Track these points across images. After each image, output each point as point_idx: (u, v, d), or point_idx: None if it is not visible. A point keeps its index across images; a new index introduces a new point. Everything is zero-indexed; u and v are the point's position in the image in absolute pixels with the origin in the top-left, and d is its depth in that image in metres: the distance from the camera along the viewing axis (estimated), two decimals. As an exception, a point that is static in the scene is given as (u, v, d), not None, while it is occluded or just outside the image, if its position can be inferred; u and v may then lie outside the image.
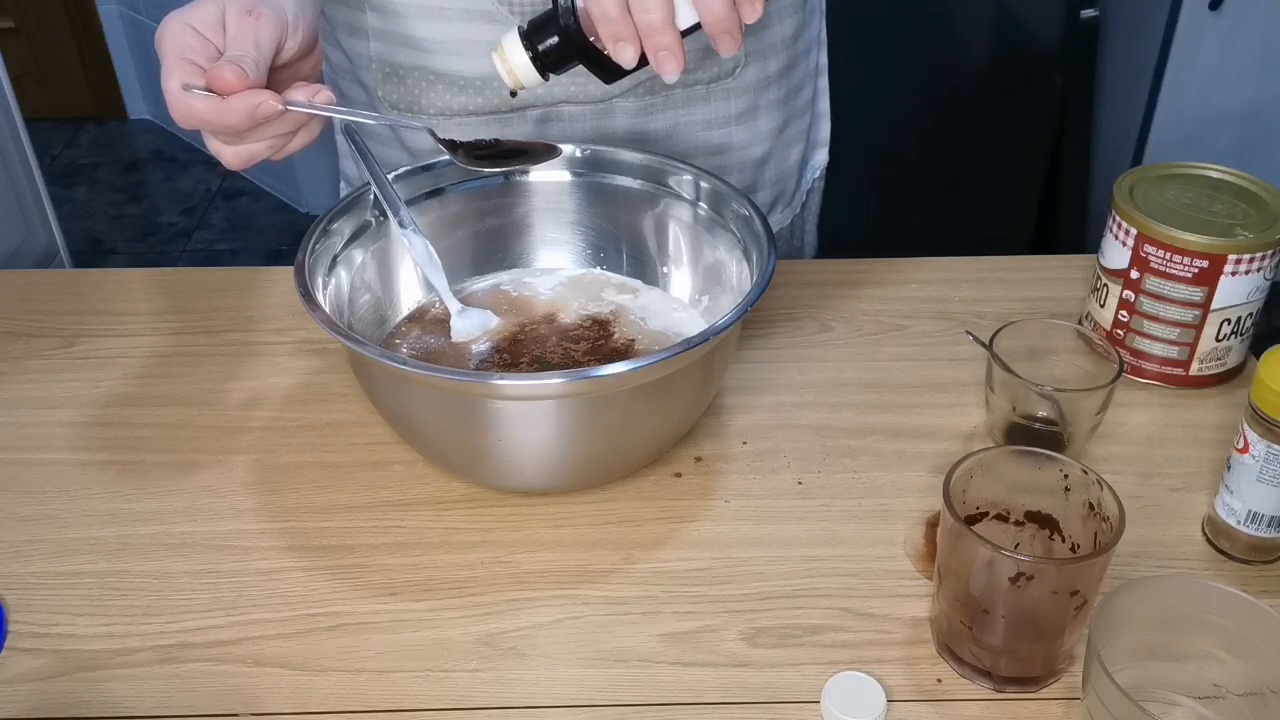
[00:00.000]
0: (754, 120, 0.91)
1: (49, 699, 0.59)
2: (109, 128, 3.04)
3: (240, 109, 0.60)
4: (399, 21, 0.83)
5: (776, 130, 0.93)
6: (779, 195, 0.99)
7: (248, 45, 0.61)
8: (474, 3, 0.81)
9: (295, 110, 0.62)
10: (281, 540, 0.68)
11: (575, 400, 0.63)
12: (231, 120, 0.60)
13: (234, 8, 0.62)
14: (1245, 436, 0.62)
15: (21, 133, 1.59)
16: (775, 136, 0.93)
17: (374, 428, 0.75)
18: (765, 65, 0.89)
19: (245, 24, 0.62)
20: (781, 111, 0.93)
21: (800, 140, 0.98)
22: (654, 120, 0.88)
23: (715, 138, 0.90)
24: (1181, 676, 0.55)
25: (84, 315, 0.87)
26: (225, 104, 0.60)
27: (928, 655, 0.61)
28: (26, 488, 0.72)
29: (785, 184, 0.98)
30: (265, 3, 0.63)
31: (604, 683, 0.60)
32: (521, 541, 0.68)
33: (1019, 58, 1.92)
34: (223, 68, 0.60)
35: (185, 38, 0.62)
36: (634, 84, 0.85)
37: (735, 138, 0.91)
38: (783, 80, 0.91)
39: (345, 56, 0.89)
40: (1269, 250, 0.73)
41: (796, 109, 0.95)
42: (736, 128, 0.90)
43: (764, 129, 0.92)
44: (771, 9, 0.87)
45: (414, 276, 0.79)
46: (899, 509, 0.70)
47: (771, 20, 0.88)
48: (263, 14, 0.62)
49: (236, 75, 0.60)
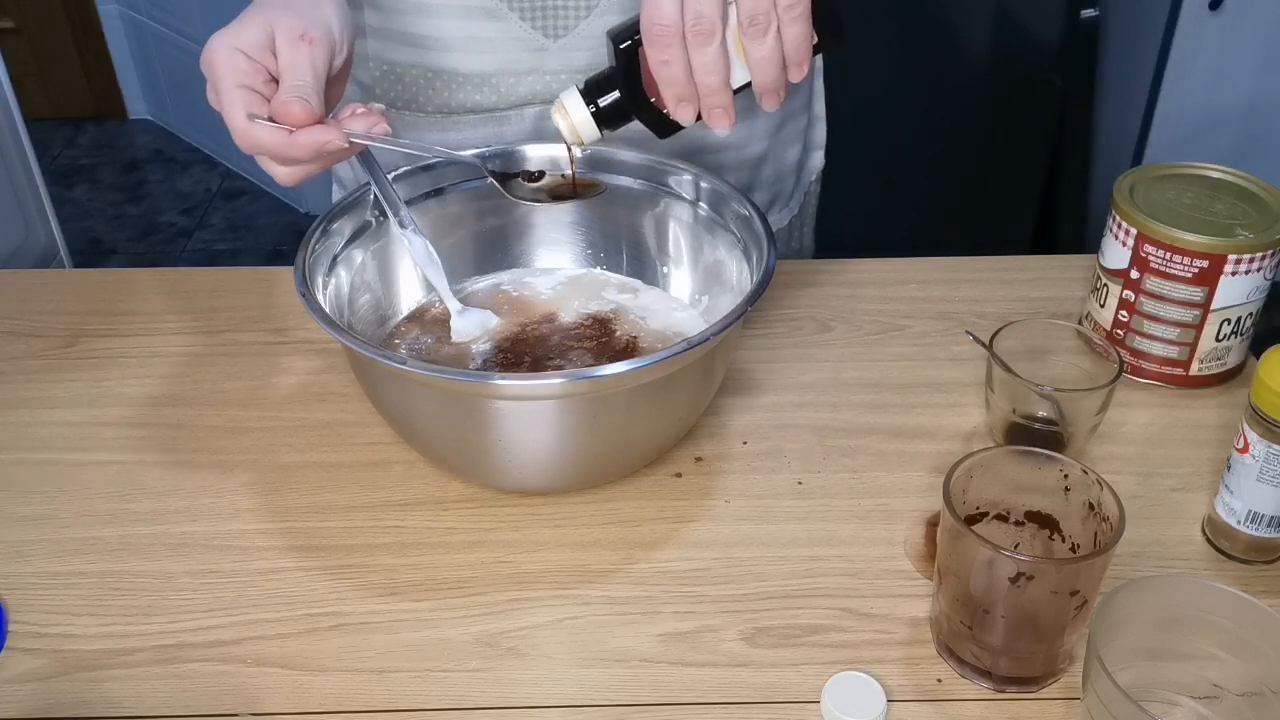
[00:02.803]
0: (751, 119, 0.91)
1: (49, 699, 0.59)
2: (109, 128, 3.04)
3: (309, 145, 0.62)
4: (397, 19, 0.83)
5: (773, 129, 0.93)
6: (776, 195, 0.99)
7: (305, 74, 0.62)
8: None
9: (357, 142, 0.64)
10: (281, 540, 0.68)
11: (575, 400, 0.63)
12: (299, 154, 0.62)
13: (284, 30, 0.63)
14: (1245, 436, 0.62)
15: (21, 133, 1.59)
16: (772, 135, 0.94)
17: (374, 428, 0.75)
18: None
19: (299, 50, 0.62)
20: (777, 111, 0.93)
21: (797, 141, 0.98)
22: None
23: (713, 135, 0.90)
24: (1181, 676, 0.55)
25: (84, 315, 0.87)
26: (293, 139, 0.61)
27: (928, 655, 0.61)
28: (26, 488, 0.72)
29: (783, 184, 0.98)
30: (315, 24, 0.63)
31: (604, 683, 0.60)
32: (521, 541, 0.68)
33: (1019, 58, 1.92)
34: (290, 103, 0.61)
35: (238, 62, 0.62)
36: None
37: (733, 136, 0.91)
38: None
39: None
40: (1269, 250, 0.73)
41: (793, 109, 0.95)
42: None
43: (761, 128, 0.92)
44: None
45: (414, 276, 0.79)
46: (899, 509, 0.70)
47: None
48: (315, 38, 0.63)
49: (305, 111, 0.61)
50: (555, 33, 0.82)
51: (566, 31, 0.82)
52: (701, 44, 0.62)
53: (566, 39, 0.83)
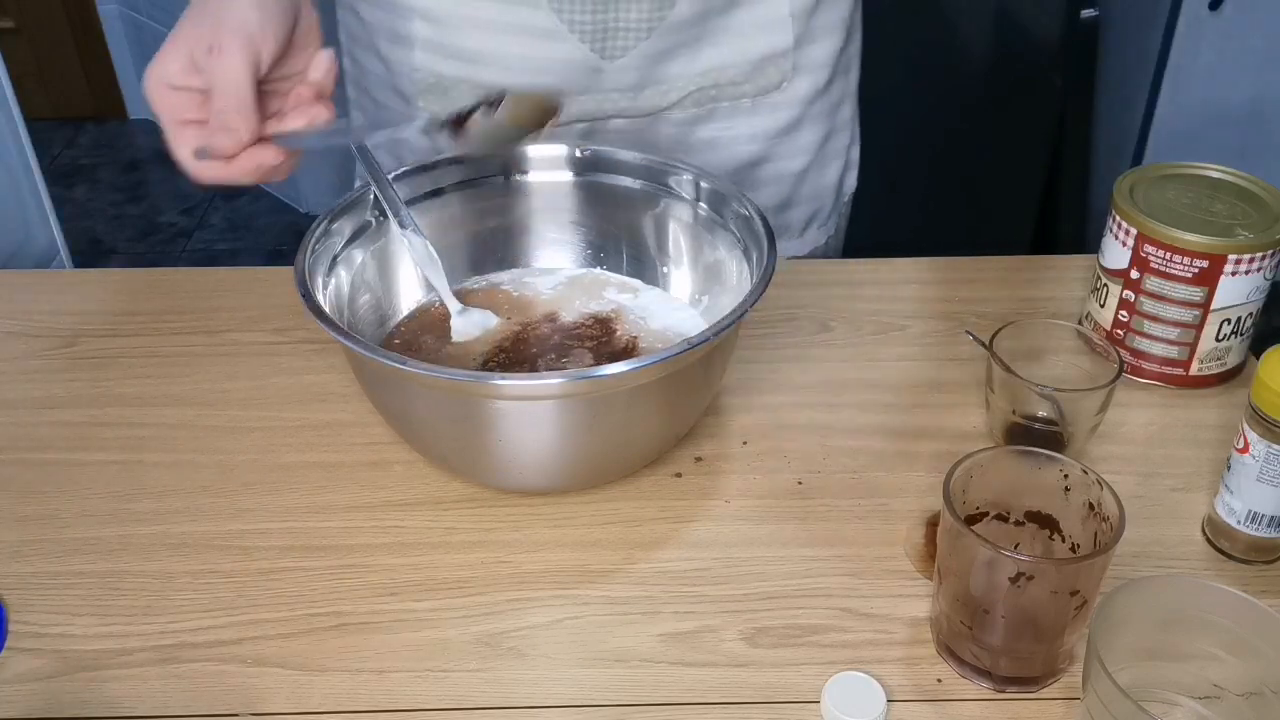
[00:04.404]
0: (796, 133, 0.91)
1: (49, 699, 0.59)
2: (109, 128, 3.04)
3: (247, 169, 0.62)
4: (451, 33, 0.82)
5: (818, 144, 0.93)
6: (814, 213, 0.98)
7: (227, 91, 0.61)
8: (532, 19, 0.80)
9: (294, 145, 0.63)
10: (281, 540, 0.68)
11: (575, 400, 0.63)
12: (243, 178, 0.62)
13: (199, 48, 0.62)
14: (1245, 436, 0.62)
15: (21, 133, 1.58)
16: (816, 150, 0.93)
17: (374, 428, 0.75)
18: (812, 79, 0.89)
19: (214, 65, 0.61)
20: (823, 125, 0.93)
21: (839, 158, 0.97)
22: (697, 131, 0.88)
23: (756, 150, 0.90)
24: (1181, 676, 0.55)
25: (84, 315, 0.87)
26: (231, 167, 0.62)
27: (928, 655, 0.61)
28: (26, 488, 0.72)
29: (822, 202, 0.98)
30: (223, 30, 0.61)
31: (604, 683, 0.60)
32: (521, 541, 0.68)
33: (1019, 58, 1.92)
34: (215, 134, 0.61)
35: (169, 98, 0.62)
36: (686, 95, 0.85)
37: (776, 150, 0.90)
38: (825, 96, 0.91)
39: (383, 64, 0.88)
40: (1269, 250, 0.73)
41: (837, 124, 0.95)
42: (778, 140, 0.90)
43: (805, 142, 0.92)
44: (817, 25, 0.87)
45: (414, 276, 0.79)
46: (899, 509, 0.70)
47: (819, 35, 0.88)
48: (224, 45, 0.61)
49: (231, 141, 0.61)
50: (612, 54, 0.82)
51: (624, 53, 0.82)
52: None
53: (623, 59, 0.82)
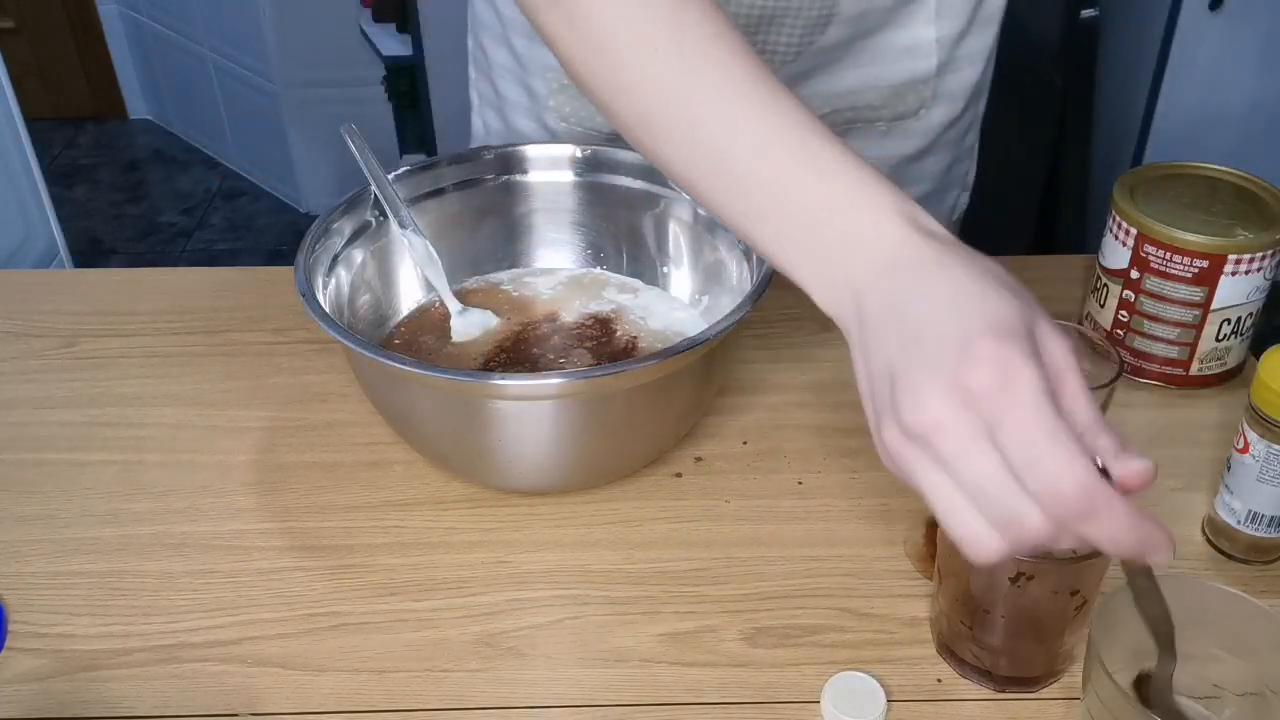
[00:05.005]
0: (922, 161, 0.89)
1: (49, 699, 0.59)
2: (109, 128, 3.04)
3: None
4: None
5: (941, 172, 0.92)
6: None
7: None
8: None
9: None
10: (281, 540, 0.68)
11: (575, 400, 0.63)
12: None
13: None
14: (1245, 436, 0.62)
15: (21, 133, 1.59)
16: (938, 179, 0.92)
17: (374, 428, 0.75)
18: (949, 108, 0.88)
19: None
20: (950, 153, 0.92)
21: (958, 185, 0.95)
22: None
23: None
24: (1181, 676, 0.55)
25: (84, 315, 0.87)
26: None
27: (928, 655, 0.61)
28: (26, 488, 0.72)
29: None
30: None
31: (604, 683, 0.60)
32: (521, 541, 0.68)
33: (1019, 58, 1.92)
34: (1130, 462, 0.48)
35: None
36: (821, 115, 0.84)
37: (899, 175, 0.89)
38: (957, 124, 0.90)
39: (514, 58, 0.87)
40: (1269, 250, 0.73)
41: (962, 152, 0.94)
42: (902, 166, 0.89)
43: (929, 170, 0.91)
44: (962, 53, 0.86)
45: (414, 276, 0.79)
46: (899, 509, 0.70)
47: (962, 64, 0.86)
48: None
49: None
50: None
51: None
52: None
53: None
